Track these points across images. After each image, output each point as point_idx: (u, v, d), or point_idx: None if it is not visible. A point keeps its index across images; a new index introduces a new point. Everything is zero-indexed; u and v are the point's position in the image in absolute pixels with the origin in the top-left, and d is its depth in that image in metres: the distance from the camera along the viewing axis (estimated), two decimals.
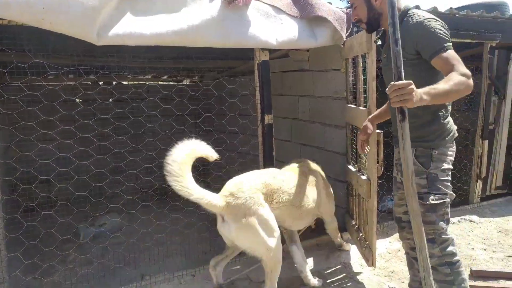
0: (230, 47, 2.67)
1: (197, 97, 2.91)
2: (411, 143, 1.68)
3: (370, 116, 2.48)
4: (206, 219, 3.72)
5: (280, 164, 4.42)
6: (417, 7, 3.56)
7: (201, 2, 2.61)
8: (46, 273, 2.93)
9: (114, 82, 5.20)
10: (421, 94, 1.59)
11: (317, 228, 3.58)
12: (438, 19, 1.92)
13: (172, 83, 4.51)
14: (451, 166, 2.07)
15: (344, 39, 3.07)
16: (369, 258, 2.76)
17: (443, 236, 2.00)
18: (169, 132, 2.99)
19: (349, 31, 3.13)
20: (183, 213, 3.31)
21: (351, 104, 3.16)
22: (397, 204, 2.28)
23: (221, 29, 2.59)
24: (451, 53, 1.80)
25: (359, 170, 3.03)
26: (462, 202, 4.25)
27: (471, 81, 1.74)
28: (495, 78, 4.30)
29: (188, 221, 3.25)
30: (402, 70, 1.58)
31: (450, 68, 1.77)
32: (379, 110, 2.47)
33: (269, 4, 2.88)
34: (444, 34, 1.85)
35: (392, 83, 1.57)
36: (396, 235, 3.47)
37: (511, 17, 4.40)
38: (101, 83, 5.07)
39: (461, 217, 3.91)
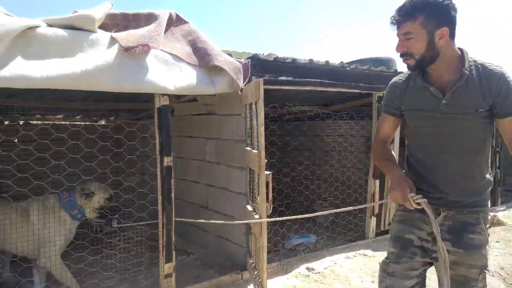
0: (127, 91, 2.76)
1: (93, 139, 2.91)
2: (475, 208, 1.63)
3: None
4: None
5: (189, 205, 4.46)
6: (311, 60, 4.06)
7: (99, 48, 2.70)
8: None
9: (21, 122, 5.08)
10: None
11: (220, 269, 3.64)
12: None
13: (66, 123, 4.46)
14: None
15: (242, 87, 3.32)
16: None
17: None
18: (59, 176, 2.93)
19: (247, 80, 3.40)
20: None
21: (248, 147, 3.37)
22: (400, 275, 1.76)
23: (117, 75, 2.68)
24: None
25: (254, 210, 3.20)
26: (358, 237, 4.60)
27: None
28: None
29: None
30: None
31: None
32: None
33: (168, 53, 3.05)
34: None
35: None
36: (294, 271, 3.64)
37: (396, 70, 5.07)
38: (6, 122, 4.90)
39: (357, 251, 4.20)
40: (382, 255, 4.21)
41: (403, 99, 1.83)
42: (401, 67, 5.81)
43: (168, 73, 2.98)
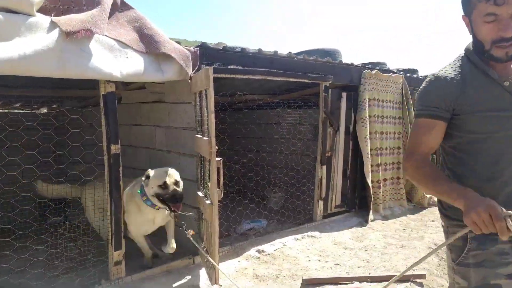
0: (69, 77, 2.68)
1: (34, 127, 2.80)
2: None
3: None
4: None
5: None
6: (259, 50, 4.14)
7: (38, 32, 2.59)
8: None
9: None
10: None
11: (172, 255, 3.66)
12: None
13: (4, 111, 4.22)
14: None
15: (191, 75, 3.33)
16: (213, 277, 2.95)
17: None
18: None
19: (196, 68, 3.41)
20: None
21: (199, 134, 3.40)
22: None
23: (58, 60, 2.59)
24: None
25: (205, 196, 3.25)
26: (306, 220, 4.80)
27: None
28: (330, 113, 5.06)
29: None
30: None
31: None
32: None
33: (114, 39, 2.99)
34: None
35: None
36: (246, 254, 3.76)
37: (341, 62, 5.30)
38: None
39: (305, 233, 4.40)
40: (327, 236, 4.44)
41: (462, 98, 1.42)
42: (346, 58, 6.06)
43: (114, 60, 2.92)
